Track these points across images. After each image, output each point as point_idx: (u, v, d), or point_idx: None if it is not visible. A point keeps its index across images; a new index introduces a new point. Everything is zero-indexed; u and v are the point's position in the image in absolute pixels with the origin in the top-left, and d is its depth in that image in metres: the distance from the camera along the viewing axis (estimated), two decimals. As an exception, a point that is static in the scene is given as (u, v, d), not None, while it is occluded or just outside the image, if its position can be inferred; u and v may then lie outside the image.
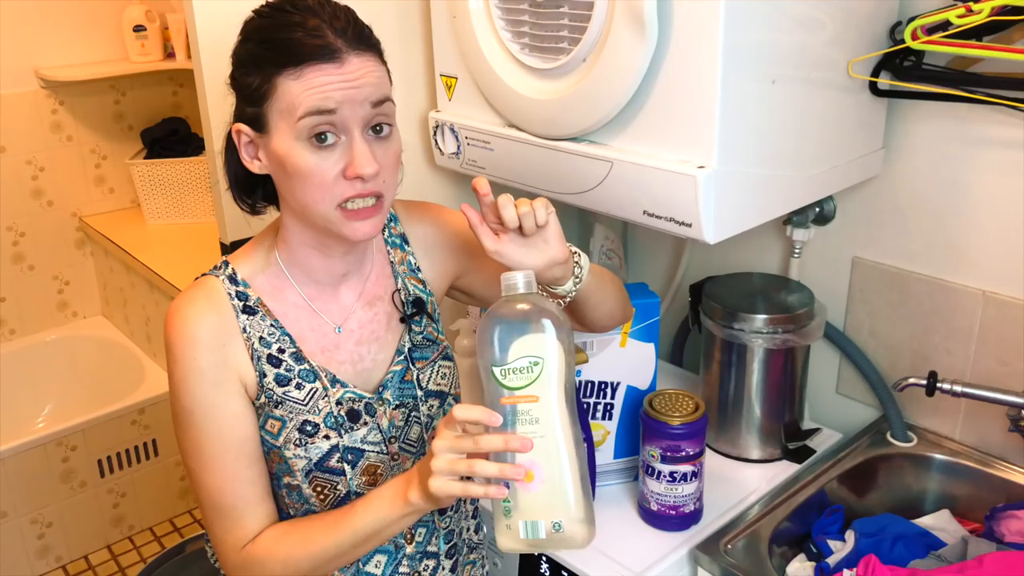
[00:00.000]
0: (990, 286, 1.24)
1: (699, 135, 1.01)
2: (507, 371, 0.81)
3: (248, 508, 0.94)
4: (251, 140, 0.90)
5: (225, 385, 0.92)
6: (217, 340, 0.91)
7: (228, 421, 0.92)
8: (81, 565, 2.39)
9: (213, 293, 0.93)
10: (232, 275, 0.95)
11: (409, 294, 1.04)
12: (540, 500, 0.81)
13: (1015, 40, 1.11)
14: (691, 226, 1.05)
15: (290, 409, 0.94)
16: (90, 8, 2.53)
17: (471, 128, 1.31)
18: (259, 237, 1.00)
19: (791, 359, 1.31)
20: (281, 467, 0.96)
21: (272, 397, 0.94)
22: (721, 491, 1.26)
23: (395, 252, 1.05)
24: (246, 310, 0.94)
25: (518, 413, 0.81)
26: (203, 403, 0.91)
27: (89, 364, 2.66)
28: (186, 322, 0.91)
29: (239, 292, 0.94)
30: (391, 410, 1.00)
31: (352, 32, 0.86)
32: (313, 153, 0.86)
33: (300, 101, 0.84)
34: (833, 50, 1.13)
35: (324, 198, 0.87)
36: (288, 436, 0.94)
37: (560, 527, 0.81)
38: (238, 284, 0.95)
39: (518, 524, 0.82)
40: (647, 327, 1.23)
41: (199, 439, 0.92)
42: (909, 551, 1.16)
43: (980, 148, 1.21)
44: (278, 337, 0.95)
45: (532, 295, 0.84)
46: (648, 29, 1.00)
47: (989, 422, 1.27)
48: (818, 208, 1.37)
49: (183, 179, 2.61)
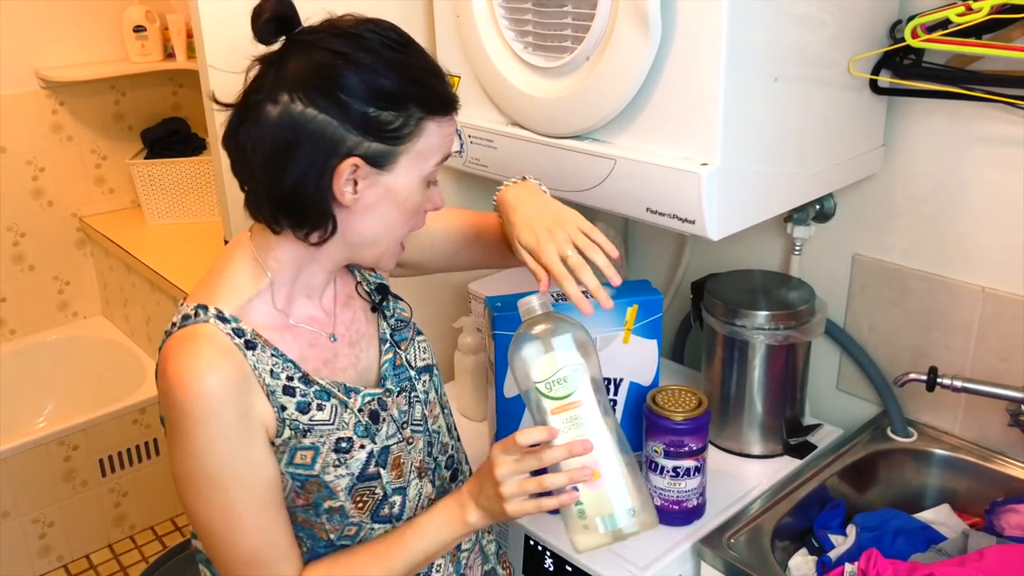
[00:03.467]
0: (989, 282, 1.25)
1: (702, 133, 1.02)
2: (551, 384, 0.89)
3: (283, 556, 0.91)
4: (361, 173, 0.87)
5: (251, 435, 0.87)
6: (238, 388, 0.85)
7: (257, 472, 0.88)
8: (83, 564, 2.40)
9: (214, 340, 0.86)
10: (219, 314, 0.88)
11: (369, 283, 1.06)
12: (608, 493, 0.89)
13: (1014, 38, 1.12)
14: (694, 223, 1.06)
15: (320, 433, 0.91)
16: (90, 8, 2.54)
17: (475, 127, 1.31)
18: (224, 271, 0.93)
19: (792, 355, 1.32)
20: (320, 494, 0.93)
21: (298, 427, 0.90)
22: (724, 486, 1.27)
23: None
24: (248, 346, 0.88)
25: (565, 420, 0.89)
26: (232, 462, 0.86)
27: (90, 364, 2.66)
28: (201, 380, 0.83)
29: (235, 329, 0.88)
30: (396, 398, 1.01)
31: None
32: (423, 192, 0.93)
33: (440, 146, 0.91)
34: (834, 48, 1.14)
35: (404, 229, 0.94)
36: (325, 460, 0.92)
37: (634, 512, 0.89)
38: (229, 322, 0.88)
39: (595, 521, 0.88)
40: (650, 324, 1.24)
41: (227, 501, 0.86)
42: (910, 545, 1.17)
43: (979, 145, 1.22)
44: (283, 366, 0.90)
45: (550, 313, 0.93)
46: (652, 28, 1.01)
47: (989, 417, 1.28)
48: (818, 205, 1.38)
49: (183, 179, 2.61)
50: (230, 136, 0.90)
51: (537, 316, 0.92)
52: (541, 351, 0.90)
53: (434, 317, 1.58)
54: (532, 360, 0.90)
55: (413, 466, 1.00)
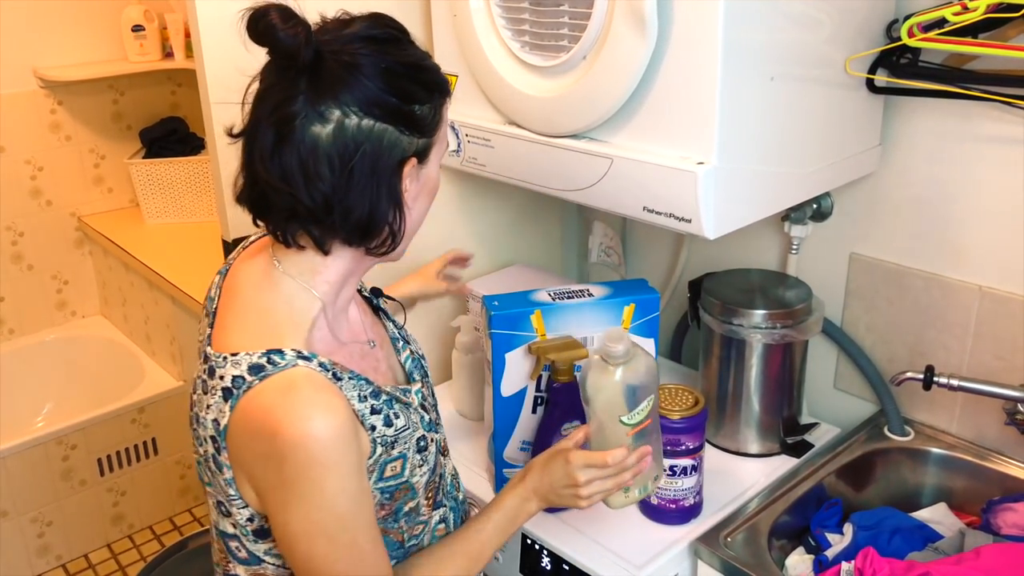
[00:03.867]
0: (986, 281, 1.25)
1: (699, 132, 1.02)
2: (634, 415, 1.02)
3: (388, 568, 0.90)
4: (412, 173, 0.87)
5: (360, 463, 0.85)
6: (354, 424, 0.84)
7: (369, 501, 0.87)
8: (81, 564, 2.40)
9: (314, 381, 0.82)
10: (299, 354, 0.84)
11: (363, 286, 1.08)
12: (649, 471, 1.05)
13: (1010, 37, 1.12)
14: (691, 222, 1.06)
15: (404, 440, 0.93)
16: (88, 8, 2.54)
17: (471, 126, 1.31)
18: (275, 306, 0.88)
19: (789, 354, 1.32)
20: (405, 498, 0.95)
21: (387, 442, 0.90)
22: (720, 485, 1.27)
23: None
24: (335, 378, 0.85)
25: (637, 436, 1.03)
26: (358, 498, 0.84)
27: (88, 363, 2.66)
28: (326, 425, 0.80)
29: (320, 364, 0.84)
30: (419, 385, 1.03)
31: None
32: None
33: (446, 128, 0.93)
34: (831, 48, 1.14)
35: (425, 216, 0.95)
36: (412, 463, 0.94)
37: (658, 477, 1.08)
38: (310, 359, 0.84)
39: (634, 490, 1.05)
40: (647, 323, 1.24)
41: (354, 539, 0.84)
42: (907, 544, 1.17)
43: (976, 144, 1.22)
44: (358, 385, 0.89)
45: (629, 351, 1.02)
46: (648, 27, 1.01)
47: (985, 416, 1.28)
48: (815, 204, 1.38)
49: (182, 178, 2.61)
50: (271, 161, 0.82)
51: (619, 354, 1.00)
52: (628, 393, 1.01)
53: (431, 316, 1.58)
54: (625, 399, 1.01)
55: (438, 443, 1.03)
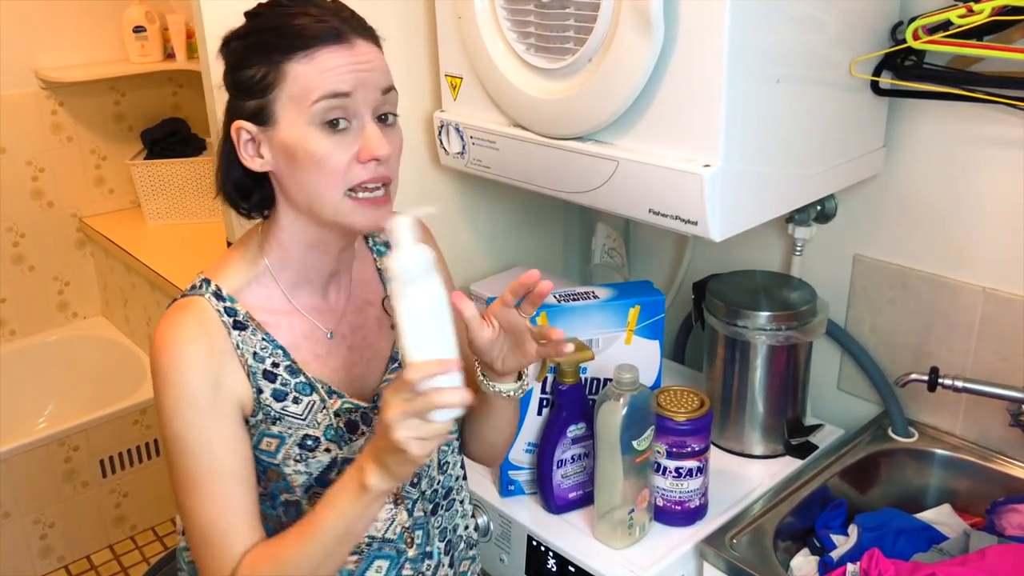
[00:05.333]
0: (990, 282, 1.25)
1: (705, 134, 1.03)
2: (641, 441, 1.10)
3: (239, 537, 0.89)
4: (251, 137, 0.89)
5: (220, 407, 0.89)
6: (210, 361, 0.88)
7: (225, 445, 0.89)
8: (83, 565, 2.40)
9: (201, 313, 0.89)
10: (217, 291, 0.91)
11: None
12: (644, 508, 1.15)
13: (1015, 40, 1.12)
14: (697, 224, 1.06)
15: (289, 424, 0.92)
16: (90, 9, 2.54)
17: (476, 128, 1.31)
18: (236, 249, 0.97)
19: (793, 356, 1.32)
20: (278, 484, 0.94)
21: (270, 413, 0.92)
22: (725, 487, 1.27)
23: (382, 260, 1.05)
24: (236, 326, 0.91)
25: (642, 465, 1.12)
26: (196, 428, 0.88)
27: (90, 364, 2.66)
28: (177, 346, 0.87)
29: (227, 308, 0.91)
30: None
31: (354, 19, 0.88)
32: (327, 138, 0.85)
33: (315, 84, 0.84)
34: (836, 50, 1.14)
35: (336, 184, 0.86)
36: (288, 452, 0.93)
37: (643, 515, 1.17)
38: (224, 300, 0.91)
39: (636, 528, 1.15)
40: (652, 324, 1.24)
41: (190, 466, 0.88)
42: (911, 545, 1.17)
43: (980, 146, 1.22)
44: (271, 351, 0.92)
45: (635, 380, 1.10)
46: (654, 29, 1.01)
47: (990, 417, 1.28)
48: (820, 206, 1.38)
49: (183, 179, 2.61)
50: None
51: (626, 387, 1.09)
52: (645, 430, 1.10)
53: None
54: (636, 437, 1.10)
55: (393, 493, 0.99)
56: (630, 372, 1.09)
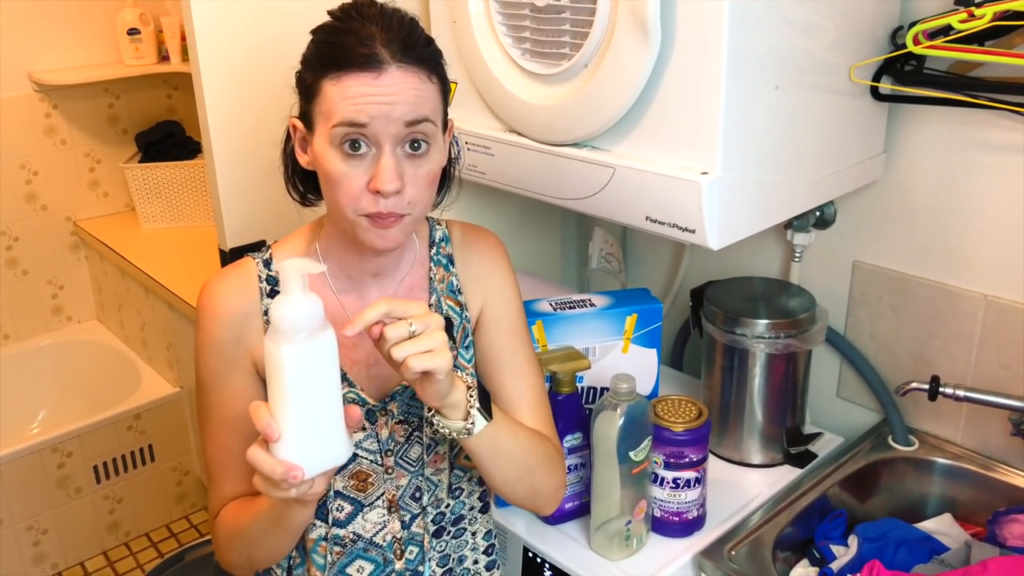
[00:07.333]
0: (991, 290, 1.24)
1: (702, 141, 1.01)
2: (639, 452, 1.09)
3: (230, 479, 0.97)
4: (302, 135, 0.93)
5: (237, 361, 0.95)
6: (235, 318, 0.95)
7: (231, 394, 0.96)
8: (77, 572, 2.38)
9: (244, 273, 0.97)
10: (268, 259, 0.98)
11: (441, 312, 1.01)
12: (644, 521, 1.16)
13: (1016, 45, 1.11)
14: (695, 232, 1.04)
15: None
16: (84, 11, 2.52)
17: (471, 133, 1.30)
18: (304, 228, 1.03)
19: (792, 363, 1.31)
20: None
21: None
22: (723, 496, 1.26)
23: (438, 270, 1.03)
24: (272, 294, 0.96)
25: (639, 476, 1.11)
26: (212, 373, 0.96)
27: (84, 369, 2.64)
28: (212, 295, 0.96)
29: (270, 276, 0.97)
30: (393, 423, 0.99)
31: (401, 43, 0.85)
32: (344, 160, 0.87)
33: (336, 109, 0.85)
34: (835, 55, 1.13)
35: (349, 205, 0.88)
36: None
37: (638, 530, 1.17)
38: (271, 269, 0.98)
39: (633, 540, 1.15)
40: (649, 333, 1.23)
41: (205, 405, 0.98)
42: (912, 556, 1.16)
43: (981, 152, 1.21)
44: None
45: (632, 391, 1.09)
46: (651, 35, 0.99)
47: (991, 426, 1.27)
48: (819, 212, 1.37)
49: (178, 183, 2.59)
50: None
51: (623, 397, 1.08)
52: (643, 441, 1.10)
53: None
54: (633, 447, 1.09)
55: (384, 495, 0.99)
56: (627, 382, 1.08)
